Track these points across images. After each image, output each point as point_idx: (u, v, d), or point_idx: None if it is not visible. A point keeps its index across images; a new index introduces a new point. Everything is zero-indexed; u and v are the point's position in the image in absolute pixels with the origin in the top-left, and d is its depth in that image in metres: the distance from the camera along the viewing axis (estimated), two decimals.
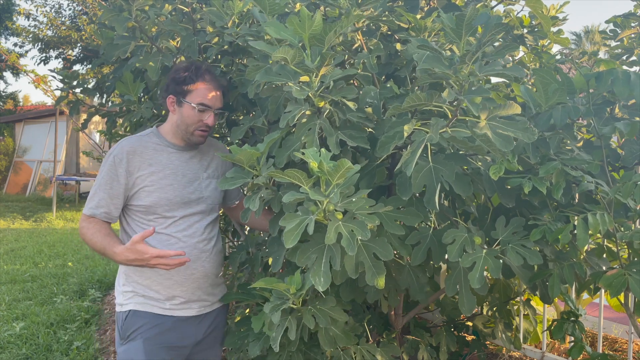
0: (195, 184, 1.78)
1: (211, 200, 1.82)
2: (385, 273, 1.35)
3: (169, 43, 2.07)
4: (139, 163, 1.70)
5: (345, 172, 1.20)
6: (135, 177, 1.69)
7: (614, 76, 1.39)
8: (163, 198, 1.70)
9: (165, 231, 1.72)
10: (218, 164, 1.87)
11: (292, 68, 1.37)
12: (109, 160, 1.70)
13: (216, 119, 1.78)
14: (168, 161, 1.74)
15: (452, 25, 1.20)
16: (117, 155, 1.69)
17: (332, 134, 1.42)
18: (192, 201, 1.76)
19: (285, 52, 1.31)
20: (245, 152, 1.44)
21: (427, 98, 1.26)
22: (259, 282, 1.42)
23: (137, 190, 1.70)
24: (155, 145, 1.75)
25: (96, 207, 1.68)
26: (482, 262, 1.37)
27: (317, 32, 1.33)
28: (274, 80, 1.40)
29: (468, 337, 2.39)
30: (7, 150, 14.25)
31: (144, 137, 1.77)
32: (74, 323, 3.90)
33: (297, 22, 1.33)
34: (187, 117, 1.73)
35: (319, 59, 1.34)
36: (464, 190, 1.35)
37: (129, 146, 1.71)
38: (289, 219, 1.26)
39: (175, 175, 1.74)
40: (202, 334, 1.82)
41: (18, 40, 13.28)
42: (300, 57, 1.34)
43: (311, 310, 1.47)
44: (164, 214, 1.71)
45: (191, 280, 1.75)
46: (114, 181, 1.68)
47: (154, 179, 1.70)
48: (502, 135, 1.21)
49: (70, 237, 7.64)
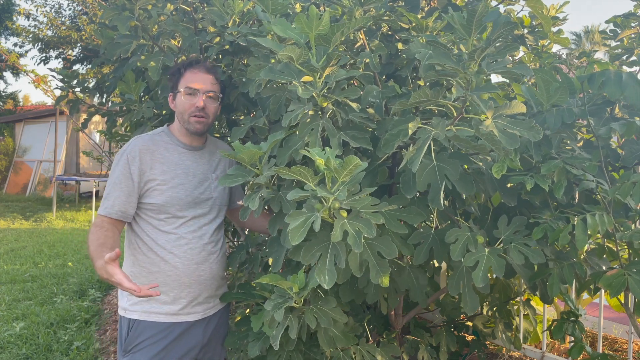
0: (205, 184, 1.78)
1: (219, 201, 1.82)
2: (389, 271, 1.35)
3: (171, 42, 2.07)
4: (150, 161, 1.70)
5: (352, 170, 1.20)
6: (148, 175, 1.69)
7: (606, 77, 1.39)
8: (175, 197, 1.70)
9: (175, 231, 1.71)
10: (225, 165, 1.87)
11: (296, 67, 1.37)
12: (122, 159, 1.69)
13: (209, 102, 1.75)
14: (179, 160, 1.74)
15: (462, 22, 1.21)
16: (130, 153, 1.69)
17: (334, 134, 1.42)
18: (202, 201, 1.76)
19: (291, 50, 1.32)
20: (247, 150, 1.44)
21: (434, 95, 1.26)
22: (264, 277, 1.42)
23: (149, 189, 1.69)
24: (166, 144, 1.75)
25: (112, 207, 1.67)
26: (485, 261, 1.37)
27: (324, 32, 1.34)
28: (278, 79, 1.40)
29: (468, 337, 2.39)
30: (7, 150, 14.25)
31: (156, 136, 1.77)
32: (74, 323, 3.90)
33: (305, 21, 1.33)
34: (180, 105, 1.74)
35: (325, 58, 1.34)
36: (466, 189, 1.35)
37: (141, 144, 1.71)
38: (294, 216, 1.26)
39: (186, 175, 1.74)
40: (208, 336, 1.82)
41: (18, 40, 13.28)
42: (305, 57, 1.34)
43: (313, 310, 1.47)
44: (175, 213, 1.71)
45: (198, 282, 1.75)
46: (128, 179, 1.67)
47: (166, 178, 1.70)
48: (508, 134, 1.22)
49: (70, 237, 7.64)
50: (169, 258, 1.70)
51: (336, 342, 1.56)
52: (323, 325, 1.47)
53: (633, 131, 1.39)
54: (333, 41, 1.35)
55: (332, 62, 1.36)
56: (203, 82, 1.73)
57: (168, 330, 1.71)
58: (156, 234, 1.71)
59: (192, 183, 1.74)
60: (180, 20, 2.05)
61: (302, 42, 1.35)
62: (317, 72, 1.36)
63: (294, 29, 1.36)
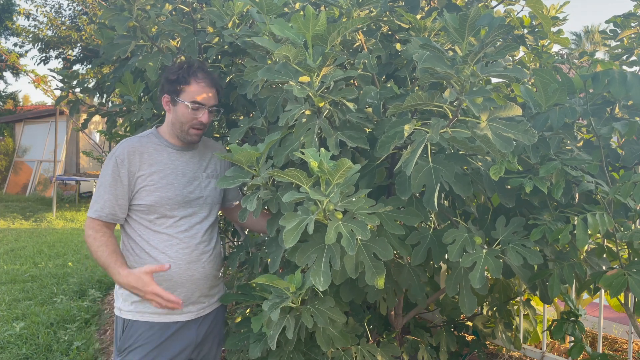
0: (195, 183, 1.78)
1: (211, 200, 1.83)
2: (385, 273, 1.35)
3: (169, 43, 2.07)
4: (139, 163, 1.71)
5: (345, 172, 1.20)
6: (137, 177, 1.70)
7: (610, 77, 1.39)
8: (164, 197, 1.71)
9: (166, 231, 1.72)
10: (216, 164, 1.88)
11: (293, 67, 1.37)
12: (111, 162, 1.70)
13: (211, 116, 1.78)
14: (168, 161, 1.75)
15: (455, 25, 1.20)
16: (119, 156, 1.70)
17: (331, 134, 1.42)
18: (192, 200, 1.76)
19: (288, 50, 1.31)
20: (244, 152, 1.44)
21: (428, 97, 1.26)
22: (260, 277, 1.42)
23: (139, 190, 1.70)
24: (155, 145, 1.76)
25: (101, 209, 1.68)
26: (482, 262, 1.37)
27: (320, 31, 1.34)
28: (275, 79, 1.40)
29: (468, 337, 2.39)
30: (7, 150, 14.25)
31: (144, 138, 1.77)
32: (74, 323, 3.90)
33: (302, 21, 1.33)
34: (182, 115, 1.73)
35: (321, 58, 1.34)
36: (463, 191, 1.35)
37: (129, 147, 1.72)
38: (289, 218, 1.26)
39: (175, 174, 1.74)
40: (202, 336, 1.83)
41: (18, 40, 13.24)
42: (302, 56, 1.34)
43: (310, 309, 1.47)
44: (165, 213, 1.72)
45: (191, 281, 1.75)
46: (117, 182, 1.68)
47: (155, 179, 1.71)
48: (503, 137, 1.21)
49: (70, 237, 7.64)
50: (161, 258, 1.71)
51: (335, 342, 1.56)
52: (320, 325, 1.47)
53: (634, 131, 1.39)
54: (330, 41, 1.35)
55: (328, 62, 1.36)
56: (209, 96, 1.74)
57: (162, 330, 1.73)
58: (148, 235, 1.72)
59: (182, 182, 1.75)
60: (179, 21, 2.05)
61: (299, 41, 1.35)
62: (314, 72, 1.35)
63: (291, 29, 1.36)
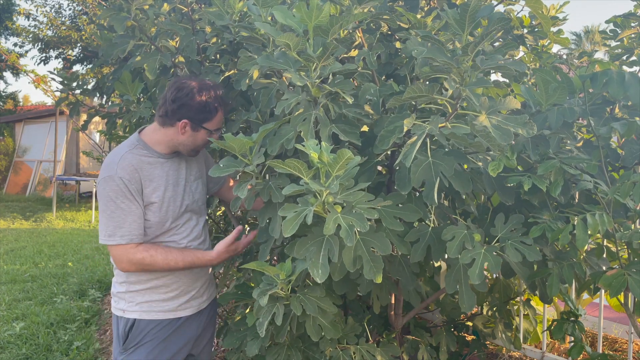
0: (187, 189, 1.80)
1: (201, 201, 1.87)
2: (383, 267, 1.35)
3: (168, 43, 2.07)
4: (141, 180, 1.68)
5: (345, 163, 1.21)
6: (144, 194, 1.69)
7: (609, 77, 1.39)
8: (169, 212, 1.73)
9: (170, 239, 1.75)
10: (199, 164, 1.89)
11: (293, 55, 1.37)
12: (116, 184, 1.62)
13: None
14: (163, 172, 1.73)
15: (455, 17, 1.21)
16: (124, 176, 1.63)
17: (326, 125, 1.43)
18: (188, 206, 1.79)
19: (289, 37, 1.32)
20: (237, 140, 1.44)
21: (428, 90, 1.26)
22: (251, 264, 1.44)
23: (146, 207, 1.69)
24: (147, 159, 1.71)
25: (130, 233, 1.64)
26: (481, 258, 1.37)
27: (323, 22, 1.34)
28: (275, 66, 1.40)
29: (468, 337, 2.39)
30: (7, 150, 14.26)
31: (134, 152, 1.70)
32: (74, 323, 3.90)
33: (305, 11, 1.33)
34: (201, 140, 1.72)
35: (322, 49, 1.34)
36: (463, 187, 1.35)
37: (128, 165, 1.65)
38: (288, 209, 1.27)
39: (173, 186, 1.75)
40: (201, 329, 1.89)
41: (18, 40, 13.27)
42: (302, 46, 1.34)
43: (299, 297, 1.49)
44: (170, 226, 1.74)
45: (193, 279, 1.81)
46: (133, 202, 1.65)
47: (159, 195, 1.70)
48: (502, 129, 1.21)
49: (70, 237, 7.64)
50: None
51: (324, 332, 1.56)
52: (309, 312, 1.47)
53: (634, 131, 1.39)
54: (331, 33, 1.35)
55: (328, 54, 1.36)
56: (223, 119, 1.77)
57: (167, 326, 1.77)
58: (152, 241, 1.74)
59: (179, 193, 1.76)
60: (178, 21, 2.05)
61: (301, 31, 1.35)
62: (313, 62, 1.36)
63: (294, 17, 1.36)
